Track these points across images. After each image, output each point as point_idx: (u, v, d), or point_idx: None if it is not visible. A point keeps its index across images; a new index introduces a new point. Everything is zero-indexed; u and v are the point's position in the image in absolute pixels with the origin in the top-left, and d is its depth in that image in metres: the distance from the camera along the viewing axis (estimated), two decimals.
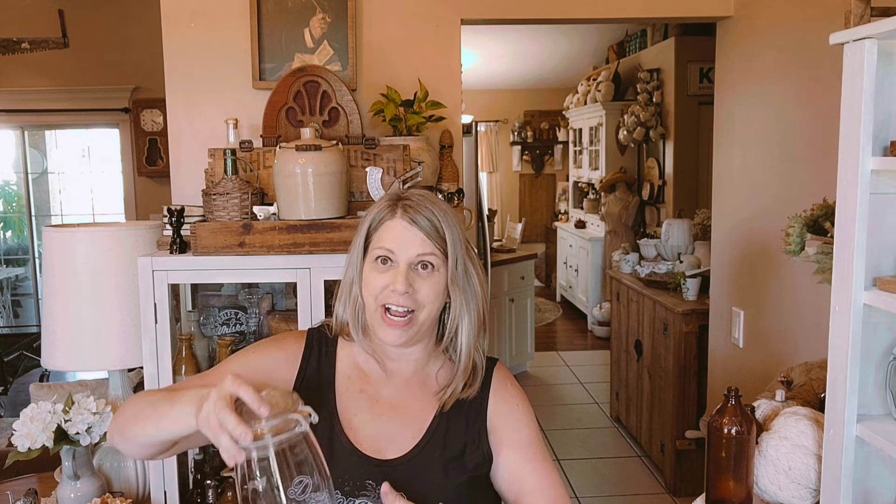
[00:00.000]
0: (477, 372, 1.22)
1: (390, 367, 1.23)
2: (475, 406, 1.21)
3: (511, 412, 1.23)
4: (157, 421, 1.05)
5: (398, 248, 1.14)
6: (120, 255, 1.94)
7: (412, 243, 1.14)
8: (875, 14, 1.25)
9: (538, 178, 9.32)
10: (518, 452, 1.20)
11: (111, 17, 5.37)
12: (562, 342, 6.43)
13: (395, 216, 1.16)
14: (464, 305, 1.19)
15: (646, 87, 5.56)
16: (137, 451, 1.13)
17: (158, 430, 1.05)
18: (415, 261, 1.14)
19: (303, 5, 2.57)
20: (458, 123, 2.69)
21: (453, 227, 1.17)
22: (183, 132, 2.63)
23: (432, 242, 1.15)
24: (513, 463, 1.20)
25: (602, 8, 2.78)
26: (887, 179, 1.24)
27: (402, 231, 1.15)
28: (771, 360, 2.61)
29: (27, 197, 6.13)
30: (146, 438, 1.08)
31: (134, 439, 1.10)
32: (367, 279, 1.17)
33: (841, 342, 1.30)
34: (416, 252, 1.14)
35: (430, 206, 1.16)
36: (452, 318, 1.19)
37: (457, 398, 1.20)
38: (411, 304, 1.14)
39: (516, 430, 1.22)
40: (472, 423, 1.21)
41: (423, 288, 1.14)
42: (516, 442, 1.21)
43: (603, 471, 3.85)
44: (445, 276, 1.16)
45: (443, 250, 1.15)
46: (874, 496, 1.34)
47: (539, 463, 1.20)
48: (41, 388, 2.85)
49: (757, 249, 2.73)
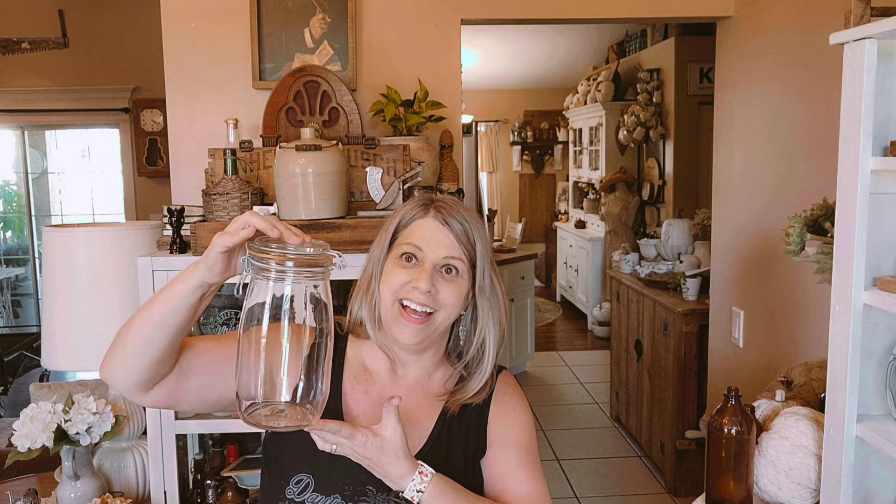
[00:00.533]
0: (489, 381, 1.22)
1: (399, 372, 1.22)
2: (478, 412, 1.20)
3: (510, 414, 1.22)
4: (151, 304, 1.00)
5: (427, 247, 1.14)
6: (120, 255, 1.94)
7: (441, 244, 1.14)
8: (875, 14, 1.25)
9: (538, 178, 9.32)
10: (509, 452, 1.19)
11: (111, 17, 5.37)
12: (562, 342, 6.43)
13: (428, 215, 1.16)
14: (490, 318, 1.18)
15: (646, 87, 5.56)
16: (131, 366, 1.03)
17: (160, 306, 0.99)
18: (441, 262, 1.14)
19: (303, 5, 2.57)
20: (458, 123, 2.69)
21: (483, 237, 1.17)
22: (183, 132, 2.63)
23: (461, 247, 1.14)
24: (502, 461, 1.18)
25: (602, 8, 2.78)
26: (887, 179, 1.25)
27: (435, 231, 1.15)
28: (771, 360, 2.61)
29: (27, 197, 6.13)
30: (145, 331, 1.00)
31: (128, 343, 1.02)
32: (388, 274, 1.15)
33: (841, 342, 1.30)
34: (444, 254, 1.14)
35: (463, 211, 1.17)
36: (479, 329, 1.19)
37: (462, 404, 1.19)
38: (432, 303, 1.13)
39: (512, 430, 1.20)
40: (474, 428, 1.20)
41: (445, 290, 1.13)
42: (510, 442, 1.19)
43: (603, 471, 3.85)
44: (467, 284, 1.16)
45: (470, 258, 1.15)
46: (874, 496, 1.34)
47: (527, 468, 1.18)
48: (41, 388, 2.84)
49: (757, 249, 2.73)
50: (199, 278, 0.98)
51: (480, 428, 1.20)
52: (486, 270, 1.17)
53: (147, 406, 1.20)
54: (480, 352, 1.20)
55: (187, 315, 1.00)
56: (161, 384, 1.07)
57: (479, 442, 1.19)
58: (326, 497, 1.12)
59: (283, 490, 1.14)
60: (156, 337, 1.00)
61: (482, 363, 1.20)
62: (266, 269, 0.92)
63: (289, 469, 1.15)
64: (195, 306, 1.00)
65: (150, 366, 1.03)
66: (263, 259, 0.92)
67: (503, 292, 1.21)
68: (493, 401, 1.22)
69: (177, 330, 1.01)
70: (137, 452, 2.02)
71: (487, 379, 1.20)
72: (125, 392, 1.07)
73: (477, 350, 1.20)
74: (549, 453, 4.07)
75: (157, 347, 1.01)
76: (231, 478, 2.03)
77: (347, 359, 1.24)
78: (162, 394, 1.08)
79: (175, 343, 1.03)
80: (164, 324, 1.00)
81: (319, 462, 1.10)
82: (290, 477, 1.14)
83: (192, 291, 0.98)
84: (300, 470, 1.14)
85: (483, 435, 1.20)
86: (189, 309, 1.00)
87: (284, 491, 1.13)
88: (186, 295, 0.98)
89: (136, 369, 1.03)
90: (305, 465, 1.14)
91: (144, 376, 1.04)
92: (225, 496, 2.02)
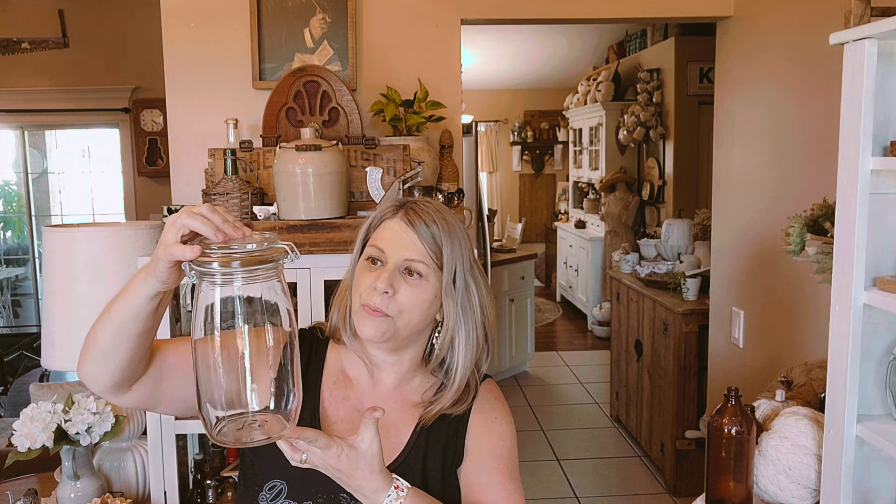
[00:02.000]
0: (469, 392, 1.17)
1: (376, 377, 1.19)
2: (457, 421, 1.16)
3: (490, 424, 1.18)
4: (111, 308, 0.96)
5: (389, 248, 1.11)
6: (120, 255, 1.94)
7: (403, 246, 1.10)
8: (875, 14, 1.25)
9: (538, 178, 9.32)
10: (487, 462, 1.14)
11: (111, 17, 5.37)
12: (562, 342, 6.43)
13: (396, 216, 1.13)
14: (460, 322, 1.13)
15: (646, 87, 5.56)
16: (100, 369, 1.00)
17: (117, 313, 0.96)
18: (402, 264, 1.10)
19: (303, 5, 2.57)
20: (458, 123, 2.69)
21: (456, 241, 1.12)
22: (183, 132, 2.63)
23: (426, 249, 1.10)
24: (479, 471, 1.14)
25: (602, 8, 2.78)
26: (887, 179, 1.25)
27: (399, 232, 1.11)
28: (771, 360, 2.61)
29: (27, 197, 6.13)
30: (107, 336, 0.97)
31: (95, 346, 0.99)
32: (357, 278, 1.13)
33: (841, 342, 1.30)
34: (405, 256, 1.10)
35: (435, 214, 1.12)
36: (444, 333, 1.14)
37: (441, 414, 1.15)
38: (388, 307, 1.08)
39: (491, 441, 1.16)
40: (452, 437, 1.16)
41: (405, 294, 1.09)
42: (489, 452, 1.15)
43: (603, 471, 3.85)
44: (434, 289, 1.11)
45: (436, 261, 1.11)
46: (874, 496, 1.34)
47: (506, 479, 1.14)
48: (41, 388, 2.84)
49: (757, 249, 2.73)
50: (151, 289, 0.93)
51: (459, 437, 1.16)
52: (458, 274, 1.12)
53: (126, 407, 1.17)
54: (453, 360, 1.16)
55: (147, 321, 0.97)
56: (137, 386, 1.04)
57: (456, 451, 1.16)
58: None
59: (257, 496, 1.12)
60: (118, 342, 0.97)
61: (453, 368, 1.15)
62: (211, 272, 0.84)
63: (262, 475, 1.13)
64: (153, 312, 0.97)
65: (120, 369, 1.00)
66: (205, 263, 0.84)
67: (484, 299, 1.16)
68: (474, 409, 1.18)
69: (139, 335, 0.97)
70: (137, 452, 2.02)
71: (463, 390, 1.16)
72: (102, 393, 1.04)
73: (448, 357, 1.16)
74: (549, 453, 4.07)
75: (122, 353, 0.98)
76: (231, 478, 2.03)
77: (327, 364, 1.20)
78: (139, 395, 1.06)
79: (141, 347, 0.99)
80: (125, 330, 0.96)
81: (293, 469, 1.04)
82: (264, 483, 1.12)
83: (147, 301, 0.94)
84: (274, 476, 1.12)
85: (461, 444, 1.16)
86: (148, 316, 0.96)
87: (258, 497, 1.12)
88: (142, 304, 0.94)
89: (106, 371, 1.00)
90: (279, 472, 1.11)
91: (116, 378, 1.01)
92: (225, 496, 2.02)
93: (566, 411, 4.76)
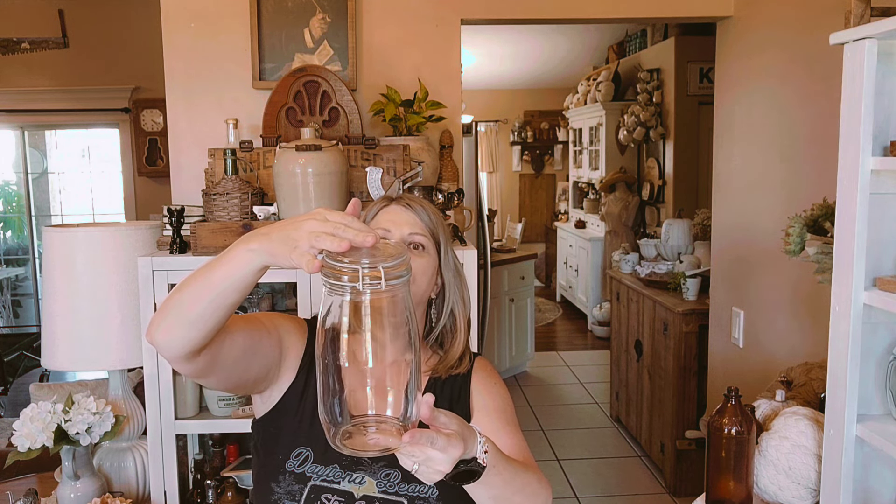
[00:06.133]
0: (466, 354, 1.32)
1: None
2: (459, 384, 1.29)
3: (490, 386, 1.30)
4: (209, 276, 0.97)
5: (393, 226, 1.26)
6: (120, 255, 1.94)
7: (406, 223, 1.27)
8: (875, 14, 1.25)
9: (538, 178, 9.32)
10: (492, 415, 1.25)
11: (111, 17, 5.37)
12: (562, 342, 6.43)
13: (392, 204, 1.30)
14: (455, 288, 1.30)
15: (646, 87, 5.56)
16: (181, 336, 1.01)
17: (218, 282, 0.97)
18: (407, 238, 1.26)
19: (303, 5, 2.57)
20: (458, 123, 2.69)
21: (441, 225, 1.31)
22: (183, 132, 2.63)
23: (425, 225, 1.28)
24: (486, 423, 1.23)
25: (602, 8, 2.78)
26: (887, 179, 1.25)
27: (399, 213, 1.28)
28: (771, 360, 2.61)
29: (27, 197, 6.13)
30: (201, 304, 0.98)
31: (182, 315, 1.00)
32: None
33: (841, 342, 1.30)
34: (409, 230, 1.26)
35: (422, 202, 1.32)
36: (446, 303, 1.30)
37: (448, 374, 1.28)
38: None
39: (493, 399, 1.28)
40: (457, 400, 1.27)
41: (413, 262, 1.19)
42: (492, 408, 1.26)
43: (603, 471, 3.85)
44: (434, 261, 1.27)
45: (433, 237, 1.28)
46: (874, 496, 1.34)
47: (512, 428, 1.24)
48: (41, 388, 2.85)
49: (757, 249, 2.73)
50: (259, 261, 0.94)
51: (463, 398, 1.28)
52: (449, 252, 1.30)
53: (182, 373, 1.18)
54: (452, 324, 1.31)
55: (246, 291, 0.98)
56: (204, 352, 1.06)
57: (463, 412, 1.25)
58: (325, 467, 1.19)
59: (284, 464, 1.20)
60: (212, 311, 0.99)
61: (455, 334, 1.31)
62: (340, 286, 0.84)
63: (288, 444, 1.22)
64: (253, 283, 0.98)
65: (204, 336, 1.02)
66: (336, 275, 0.84)
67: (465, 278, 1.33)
68: (473, 377, 1.31)
69: (233, 304, 1.00)
70: (137, 452, 2.02)
71: (464, 348, 1.31)
72: (174, 360, 1.05)
73: (449, 323, 1.30)
74: (549, 453, 4.07)
75: (212, 321, 1.00)
76: (231, 478, 2.03)
77: None
78: (203, 363, 1.07)
79: (229, 316, 1.02)
80: (223, 300, 0.98)
81: (316, 436, 1.17)
82: (290, 451, 1.21)
83: (253, 273, 0.96)
84: (299, 444, 1.21)
85: (467, 405, 1.28)
86: (249, 286, 0.98)
87: (285, 465, 1.20)
88: (247, 275, 0.96)
89: (190, 338, 1.01)
90: (303, 439, 1.21)
91: (197, 345, 1.03)
92: (225, 496, 2.03)
93: (566, 411, 4.76)
